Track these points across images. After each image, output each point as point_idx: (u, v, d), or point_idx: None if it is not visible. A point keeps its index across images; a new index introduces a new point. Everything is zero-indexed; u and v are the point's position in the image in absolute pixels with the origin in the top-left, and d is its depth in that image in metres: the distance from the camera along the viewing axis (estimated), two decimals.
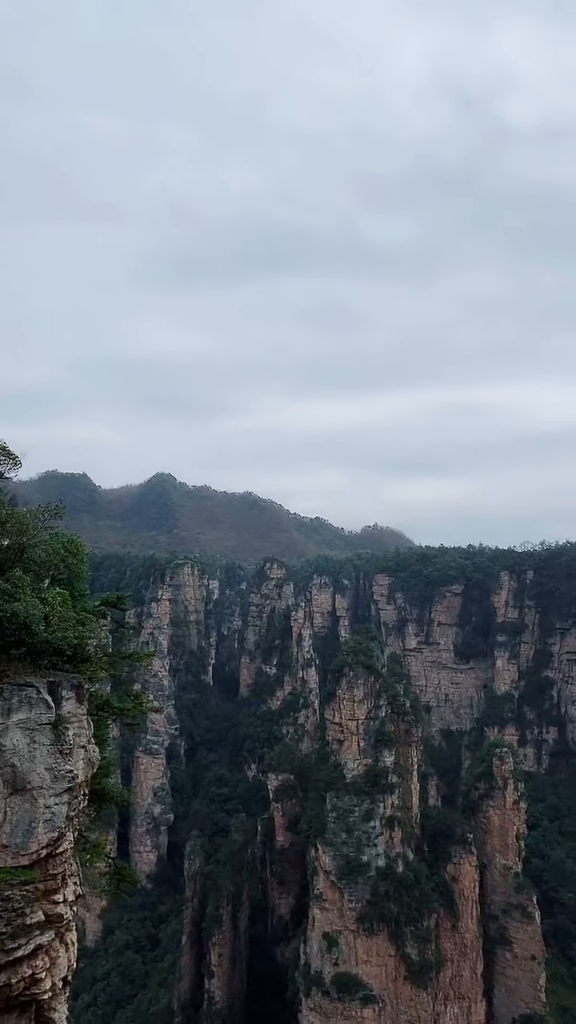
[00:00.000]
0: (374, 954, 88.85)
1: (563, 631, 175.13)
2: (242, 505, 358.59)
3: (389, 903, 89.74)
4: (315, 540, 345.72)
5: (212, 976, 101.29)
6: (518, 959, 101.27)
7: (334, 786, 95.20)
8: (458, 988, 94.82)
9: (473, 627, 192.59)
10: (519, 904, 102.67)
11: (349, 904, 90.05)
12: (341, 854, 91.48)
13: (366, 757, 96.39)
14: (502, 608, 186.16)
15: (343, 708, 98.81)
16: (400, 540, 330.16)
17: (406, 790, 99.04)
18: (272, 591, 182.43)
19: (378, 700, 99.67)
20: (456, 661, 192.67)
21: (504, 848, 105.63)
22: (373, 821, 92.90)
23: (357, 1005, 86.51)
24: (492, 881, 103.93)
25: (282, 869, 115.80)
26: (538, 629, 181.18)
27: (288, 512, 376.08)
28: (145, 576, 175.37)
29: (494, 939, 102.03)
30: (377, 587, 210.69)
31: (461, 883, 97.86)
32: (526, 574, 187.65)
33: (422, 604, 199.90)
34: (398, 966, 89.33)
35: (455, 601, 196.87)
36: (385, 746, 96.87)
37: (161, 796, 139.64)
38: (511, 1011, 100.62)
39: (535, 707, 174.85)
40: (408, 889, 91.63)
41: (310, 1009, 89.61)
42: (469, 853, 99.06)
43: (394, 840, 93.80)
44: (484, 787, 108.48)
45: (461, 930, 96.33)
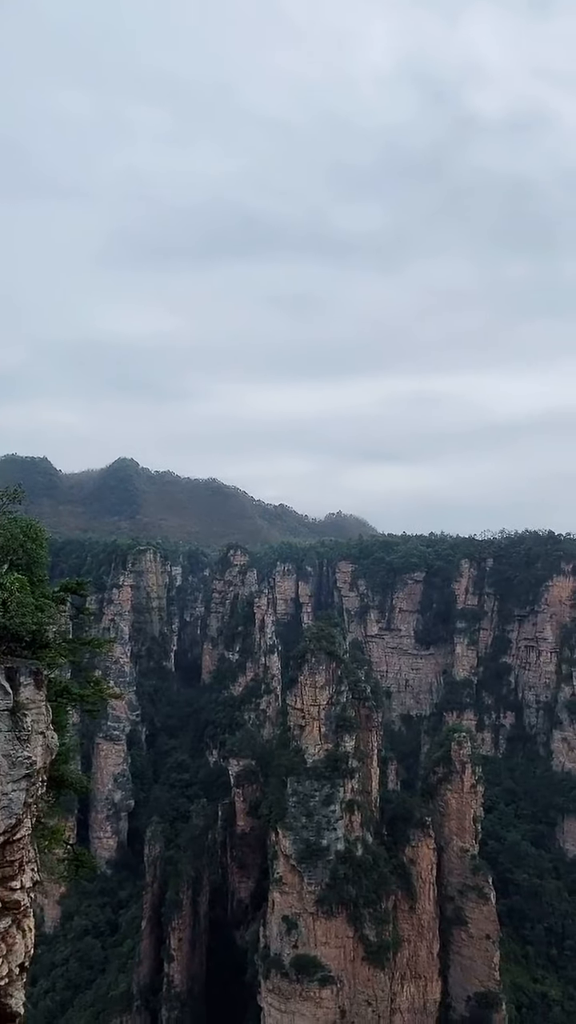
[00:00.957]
0: (333, 936, 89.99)
1: (521, 618, 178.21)
2: (206, 491, 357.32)
3: (348, 886, 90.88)
4: (279, 527, 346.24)
5: (172, 960, 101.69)
6: (473, 939, 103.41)
7: (295, 771, 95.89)
8: (415, 967, 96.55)
9: (434, 614, 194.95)
10: (475, 885, 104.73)
11: (308, 887, 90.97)
12: (301, 838, 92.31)
13: (327, 742, 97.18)
14: (462, 595, 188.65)
15: (305, 694, 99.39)
16: (363, 527, 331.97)
17: (366, 774, 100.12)
18: (235, 578, 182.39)
19: (339, 686, 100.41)
20: (417, 647, 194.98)
21: (461, 831, 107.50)
22: (333, 805, 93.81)
23: (315, 986, 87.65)
24: (449, 863, 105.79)
25: (242, 853, 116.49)
26: (497, 616, 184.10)
27: (252, 499, 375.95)
28: (106, 562, 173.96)
29: (450, 919, 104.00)
30: (340, 574, 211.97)
31: (419, 865, 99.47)
32: (486, 562, 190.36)
33: (384, 591, 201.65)
34: (356, 947, 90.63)
35: (416, 588, 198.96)
36: (346, 731, 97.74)
37: (122, 782, 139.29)
38: (466, 989, 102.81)
39: (493, 692, 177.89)
40: (367, 872, 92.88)
41: (269, 991, 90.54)
42: (427, 836, 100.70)
43: (353, 824, 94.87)
44: (442, 771, 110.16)
45: (418, 911, 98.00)
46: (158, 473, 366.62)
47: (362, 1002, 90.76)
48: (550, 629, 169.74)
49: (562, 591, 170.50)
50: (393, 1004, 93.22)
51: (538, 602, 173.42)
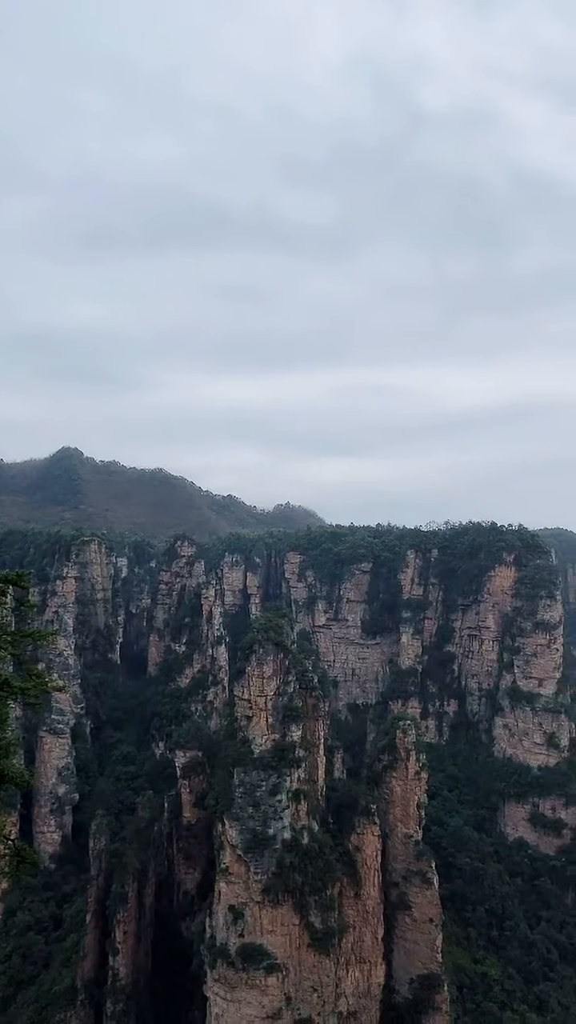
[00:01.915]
0: (279, 924, 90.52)
1: (464, 607, 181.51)
2: (152, 482, 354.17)
3: (294, 874, 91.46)
4: (227, 518, 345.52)
5: (117, 953, 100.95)
6: (417, 923, 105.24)
7: (242, 761, 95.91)
8: (359, 952, 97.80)
9: (380, 604, 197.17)
10: (419, 870, 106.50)
11: (255, 876, 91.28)
12: (248, 828, 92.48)
13: (274, 732, 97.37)
14: (408, 585, 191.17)
15: (252, 685, 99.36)
16: (312, 518, 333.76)
17: (312, 763, 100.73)
18: (182, 569, 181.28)
19: (287, 676, 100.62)
20: (363, 637, 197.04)
21: (406, 817, 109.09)
22: (280, 795, 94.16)
23: (261, 974, 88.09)
24: (394, 849, 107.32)
25: (189, 845, 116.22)
26: (441, 606, 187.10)
27: (200, 489, 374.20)
28: (50, 553, 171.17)
29: (395, 904, 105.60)
30: (288, 565, 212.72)
31: (364, 852, 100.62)
32: (431, 553, 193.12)
33: (332, 582, 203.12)
34: (302, 934, 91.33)
35: (364, 579, 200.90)
36: (293, 721, 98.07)
37: (66, 776, 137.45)
38: (409, 972, 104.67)
39: (437, 681, 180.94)
40: (313, 860, 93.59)
41: (215, 980, 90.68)
42: (372, 823, 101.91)
43: (300, 813, 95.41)
44: (387, 759, 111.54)
45: (363, 897, 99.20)
46: (103, 463, 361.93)
47: (307, 988, 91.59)
48: (492, 618, 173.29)
49: (504, 581, 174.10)
50: (338, 989, 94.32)
51: (481, 592, 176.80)
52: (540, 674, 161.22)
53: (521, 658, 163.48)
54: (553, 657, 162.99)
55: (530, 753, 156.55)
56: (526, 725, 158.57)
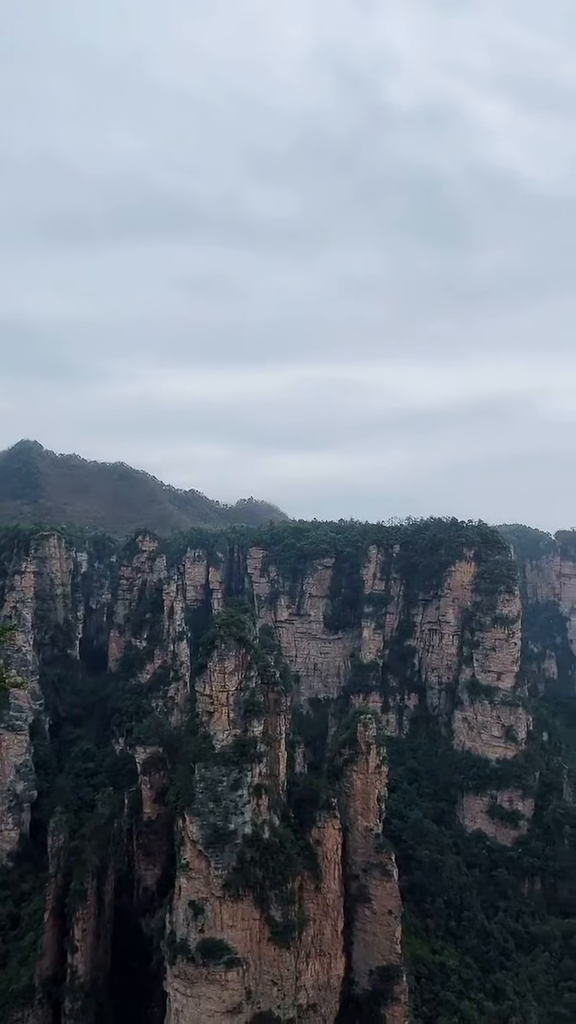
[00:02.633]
0: (239, 919, 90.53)
1: (425, 602, 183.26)
2: (113, 475, 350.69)
3: (255, 868, 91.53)
4: (189, 513, 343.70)
5: (75, 951, 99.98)
6: (376, 915, 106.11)
7: (203, 757, 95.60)
8: (319, 945, 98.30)
9: (342, 599, 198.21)
10: (378, 863, 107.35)
11: (215, 872, 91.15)
12: (208, 823, 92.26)
13: (235, 728, 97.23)
14: (370, 580, 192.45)
15: (214, 680, 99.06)
16: (274, 514, 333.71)
17: (274, 758, 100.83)
18: (144, 564, 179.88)
19: (249, 671, 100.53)
20: (325, 632, 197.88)
21: (366, 810, 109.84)
22: (241, 790, 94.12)
23: (221, 969, 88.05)
24: (354, 842, 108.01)
25: (149, 841, 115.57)
26: (402, 600, 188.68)
27: (162, 484, 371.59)
28: (8, 548, 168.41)
29: (355, 897, 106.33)
30: (251, 560, 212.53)
31: (324, 846, 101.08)
32: (393, 548, 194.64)
33: (294, 577, 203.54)
34: (262, 928, 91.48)
35: (326, 574, 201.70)
36: (254, 716, 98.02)
37: (24, 773, 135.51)
38: (369, 964, 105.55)
39: (398, 675, 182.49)
40: (273, 854, 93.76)
41: (175, 976, 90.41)
42: (333, 817, 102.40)
43: (261, 807, 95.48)
44: (348, 753, 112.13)
45: (323, 890, 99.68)
46: (63, 456, 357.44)
47: (268, 982, 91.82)
48: (452, 613, 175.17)
49: (464, 576, 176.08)
50: (298, 982, 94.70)
51: (441, 587, 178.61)
52: (499, 668, 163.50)
53: (480, 652, 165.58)
54: (511, 651, 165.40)
55: (488, 746, 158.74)
56: (485, 718, 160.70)
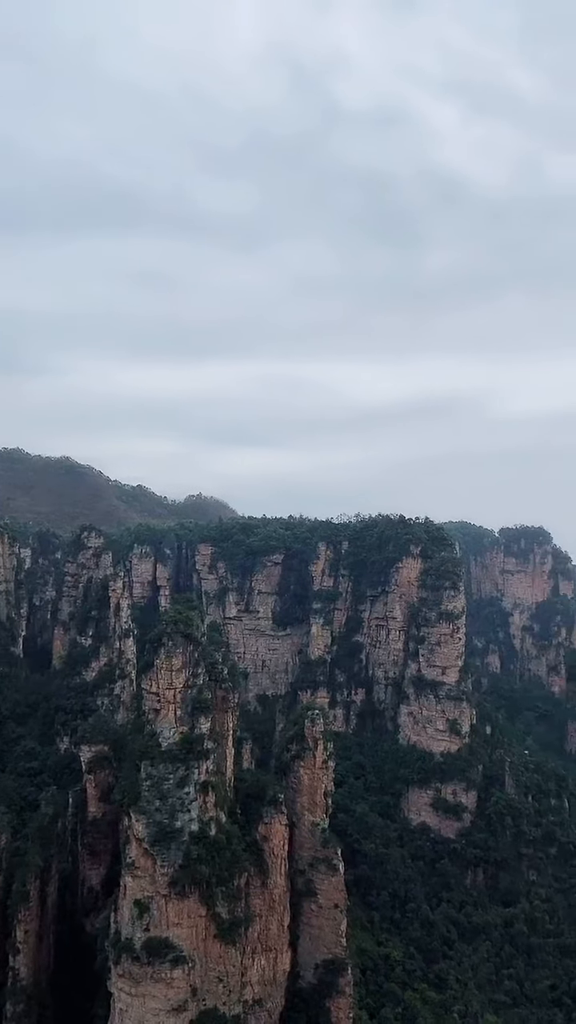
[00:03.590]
0: (185, 916, 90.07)
1: (373, 598, 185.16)
2: (58, 470, 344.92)
3: (201, 866, 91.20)
4: (136, 508, 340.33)
5: (17, 953, 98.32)
6: (322, 909, 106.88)
7: (149, 755, 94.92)
8: (266, 941, 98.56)
9: (291, 595, 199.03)
10: (325, 857, 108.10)
11: (161, 869, 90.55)
12: (154, 821, 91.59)
13: (182, 725, 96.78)
14: (319, 577, 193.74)
15: (161, 677, 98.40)
16: (224, 510, 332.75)
17: (221, 755, 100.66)
18: (89, 560, 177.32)
19: (196, 669, 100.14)
20: (274, 628, 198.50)
21: (313, 806, 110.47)
22: (187, 787, 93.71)
23: (167, 967, 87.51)
24: (300, 837, 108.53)
25: (94, 840, 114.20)
26: (351, 597, 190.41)
27: (108, 479, 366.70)
28: None
29: (301, 892, 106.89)
30: (200, 557, 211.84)
31: (271, 842, 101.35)
32: (341, 545, 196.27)
33: (243, 573, 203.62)
34: (208, 926, 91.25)
35: (275, 570, 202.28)
36: (202, 713, 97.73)
37: None
38: (315, 957, 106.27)
39: (345, 670, 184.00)
40: (220, 851, 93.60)
41: (119, 976, 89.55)
42: (279, 812, 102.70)
43: (208, 804, 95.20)
44: (295, 749, 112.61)
45: (270, 886, 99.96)
46: (6, 450, 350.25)
47: (213, 979, 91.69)
48: (399, 609, 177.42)
49: (411, 572, 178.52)
50: (244, 978, 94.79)
51: (389, 583, 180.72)
52: (443, 662, 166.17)
53: (426, 647, 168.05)
54: (456, 646, 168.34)
55: (433, 740, 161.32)
56: (430, 712, 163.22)
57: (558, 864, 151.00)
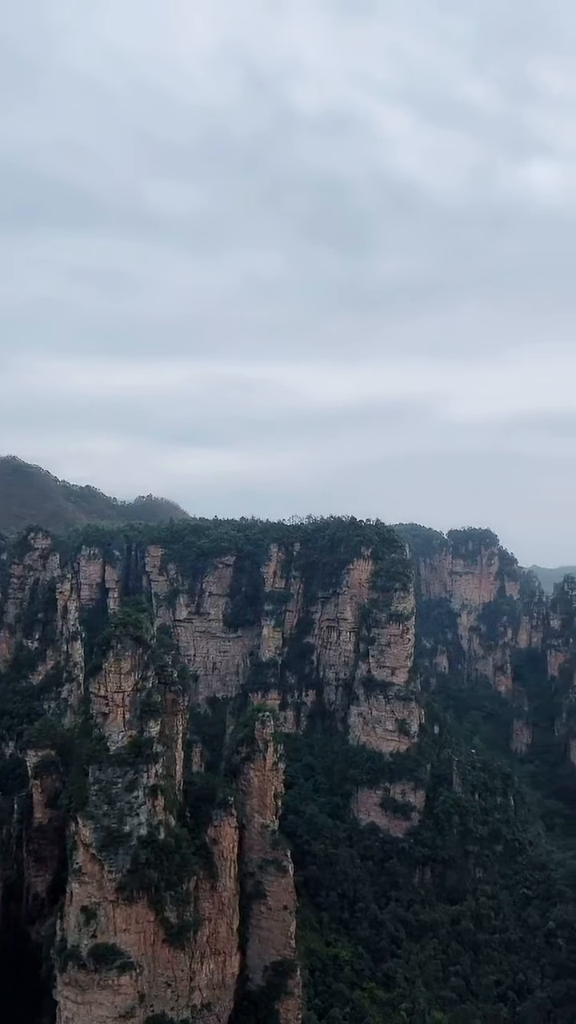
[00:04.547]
0: (133, 922, 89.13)
1: (324, 600, 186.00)
2: (4, 470, 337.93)
3: (150, 870, 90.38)
4: (85, 509, 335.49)
5: None
6: (272, 911, 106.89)
7: (97, 759, 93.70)
8: (215, 944, 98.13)
9: (243, 597, 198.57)
10: (274, 859, 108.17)
11: (109, 875, 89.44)
12: (102, 826, 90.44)
13: (131, 728, 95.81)
14: (270, 579, 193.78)
15: (109, 681, 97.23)
16: (174, 511, 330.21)
17: (170, 758, 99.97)
18: (36, 562, 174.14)
19: (146, 672, 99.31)
20: (225, 630, 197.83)
21: (263, 807, 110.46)
22: (136, 791, 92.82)
23: (114, 974, 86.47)
24: (250, 839, 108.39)
25: (40, 847, 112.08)
26: (302, 598, 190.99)
27: (56, 479, 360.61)
28: None
29: (250, 894, 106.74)
30: (149, 558, 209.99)
31: (221, 844, 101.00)
32: (293, 546, 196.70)
33: (194, 575, 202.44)
34: (157, 931, 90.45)
35: (226, 572, 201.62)
36: (151, 717, 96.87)
37: None
38: (264, 959, 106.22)
39: (296, 672, 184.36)
40: (169, 855, 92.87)
41: (65, 984, 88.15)
42: (229, 815, 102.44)
43: (157, 808, 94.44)
44: (246, 751, 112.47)
45: (219, 889, 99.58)
46: None
47: (161, 984, 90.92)
48: (350, 610, 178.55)
49: (362, 574, 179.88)
50: (192, 982, 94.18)
51: (340, 585, 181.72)
52: (393, 663, 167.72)
53: (376, 648, 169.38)
54: (405, 647, 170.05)
55: (383, 740, 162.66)
56: (379, 713, 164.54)
57: (503, 861, 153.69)
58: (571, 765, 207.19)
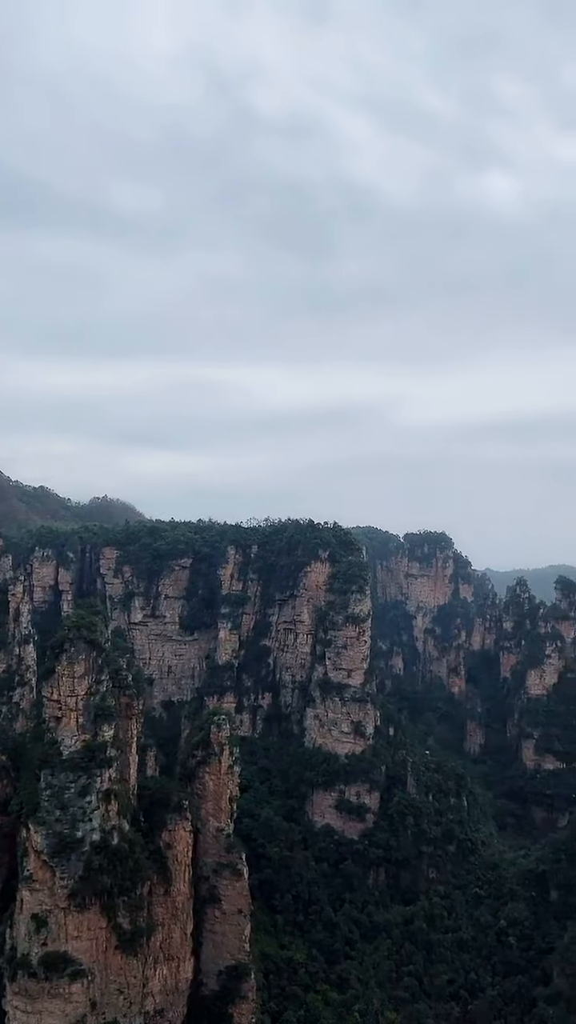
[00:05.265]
0: (85, 929, 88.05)
1: (281, 602, 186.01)
2: None
3: (102, 876, 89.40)
4: (38, 510, 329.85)
5: None
6: (226, 915, 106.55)
7: (49, 763, 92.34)
8: (168, 950, 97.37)
9: (199, 599, 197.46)
10: (229, 863, 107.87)
11: (61, 882, 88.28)
12: (54, 832, 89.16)
13: (84, 733, 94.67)
14: (227, 581, 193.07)
15: (62, 684, 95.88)
16: (131, 513, 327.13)
17: (124, 763, 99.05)
18: None
19: (100, 675, 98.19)
20: (181, 633, 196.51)
21: (218, 811, 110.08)
22: (89, 796, 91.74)
23: (65, 982, 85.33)
24: (205, 843, 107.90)
25: None
26: (259, 601, 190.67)
27: (9, 480, 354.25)
28: None
29: (204, 898, 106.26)
30: (104, 560, 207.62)
31: (175, 848, 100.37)
32: (251, 548, 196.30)
33: (150, 578, 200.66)
34: (109, 937, 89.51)
35: (183, 574, 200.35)
36: (105, 721, 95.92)
37: None
38: (218, 964, 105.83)
39: (253, 675, 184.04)
40: (122, 860, 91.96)
41: (15, 994, 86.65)
42: (184, 819, 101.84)
43: (110, 813, 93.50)
44: (201, 754, 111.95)
45: (173, 894, 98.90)
46: None
47: (114, 991, 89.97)
48: (307, 612, 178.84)
49: (319, 576, 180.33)
50: (145, 988, 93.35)
51: (297, 587, 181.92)
52: (349, 665, 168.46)
53: (332, 650, 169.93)
54: (361, 649, 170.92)
55: (338, 742, 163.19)
56: (335, 715, 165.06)
57: (456, 861, 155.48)
58: (522, 765, 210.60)
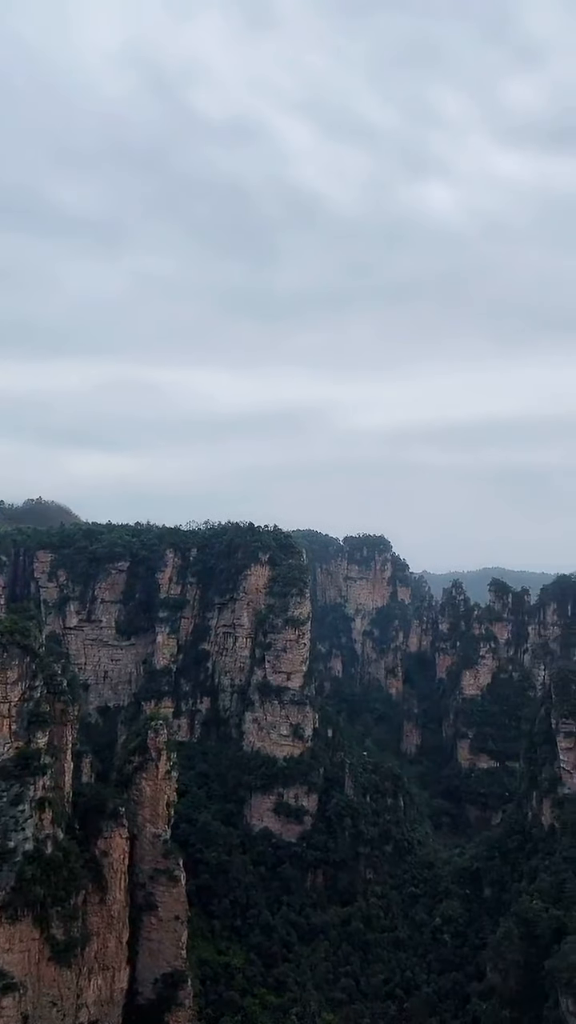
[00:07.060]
0: (17, 941, 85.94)
1: (220, 606, 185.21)
2: None
3: (35, 887, 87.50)
4: None
5: None
6: (163, 922, 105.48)
7: None
8: (103, 960, 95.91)
9: (137, 604, 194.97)
10: (166, 869, 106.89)
11: None
12: None
13: (18, 740, 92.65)
14: (166, 585, 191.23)
15: None
16: (66, 515, 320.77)
17: (59, 770, 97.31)
18: None
19: (33, 681, 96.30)
20: (118, 638, 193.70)
21: (155, 817, 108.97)
22: (22, 804, 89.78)
23: None
24: (141, 850, 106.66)
25: None
26: (198, 604, 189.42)
27: None
28: None
29: (141, 906, 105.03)
30: (38, 564, 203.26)
31: (111, 856, 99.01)
32: (190, 552, 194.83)
33: (86, 582, 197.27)
34: (42, 949, 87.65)
35: (120, 578, 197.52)
36: (39, 728, 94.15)
37: None
38: (154, 972, 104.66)
39: (191, 679, 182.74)
40: (56, 869, 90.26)
41: None
42: (120, 826, 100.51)
43: (44, 822, 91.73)
44: (138, 760, 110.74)
45: (109, 902, 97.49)
46: None
47: (47, 1003, 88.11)
48: (247, 616, 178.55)
49: (259, 579, 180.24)
50: (79, 1000, 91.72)
51: (237, 591, 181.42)
52: (288, 668, 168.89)
53: (272, 653, 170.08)
54: (301, 652, 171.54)
55: (277, 745, 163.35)
56: (274, 718, 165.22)
57: (393, 861, 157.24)
58: (458, 765, 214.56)
